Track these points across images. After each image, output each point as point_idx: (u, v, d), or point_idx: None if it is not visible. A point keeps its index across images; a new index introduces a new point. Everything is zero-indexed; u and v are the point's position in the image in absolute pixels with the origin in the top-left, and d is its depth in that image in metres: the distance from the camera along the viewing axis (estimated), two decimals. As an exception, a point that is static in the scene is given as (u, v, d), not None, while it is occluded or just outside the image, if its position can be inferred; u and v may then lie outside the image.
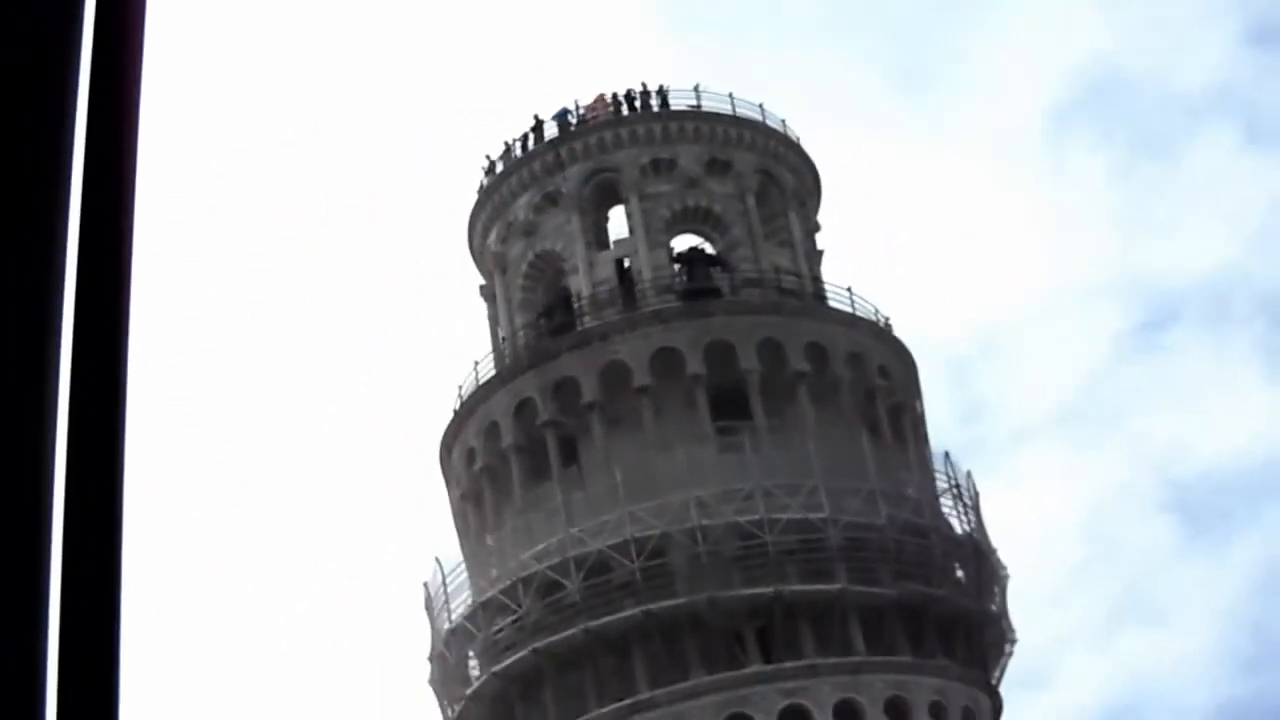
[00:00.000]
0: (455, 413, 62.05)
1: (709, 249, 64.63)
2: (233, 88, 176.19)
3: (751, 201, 63.81)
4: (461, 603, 59.32)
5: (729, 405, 58.27)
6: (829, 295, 63.57)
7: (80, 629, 2.42)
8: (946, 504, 60.93)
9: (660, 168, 63.59)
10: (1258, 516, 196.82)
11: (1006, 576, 61.29)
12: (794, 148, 66.50)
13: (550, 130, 65.26)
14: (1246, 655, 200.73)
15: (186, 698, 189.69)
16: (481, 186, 66.51)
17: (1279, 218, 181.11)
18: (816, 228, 67.32)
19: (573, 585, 55.37)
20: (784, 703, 54.09)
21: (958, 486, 61.37)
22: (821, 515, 55.53)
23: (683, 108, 65.59)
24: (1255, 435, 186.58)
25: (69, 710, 2.40)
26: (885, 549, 56.42)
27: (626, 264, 63.01)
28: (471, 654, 59.19)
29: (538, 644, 55.90)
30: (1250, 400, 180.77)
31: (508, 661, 56.85)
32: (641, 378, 58.04)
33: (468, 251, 68.12)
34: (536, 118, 65.67)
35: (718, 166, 64.14)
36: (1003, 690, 60.96)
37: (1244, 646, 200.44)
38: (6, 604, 2.33)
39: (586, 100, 65.98)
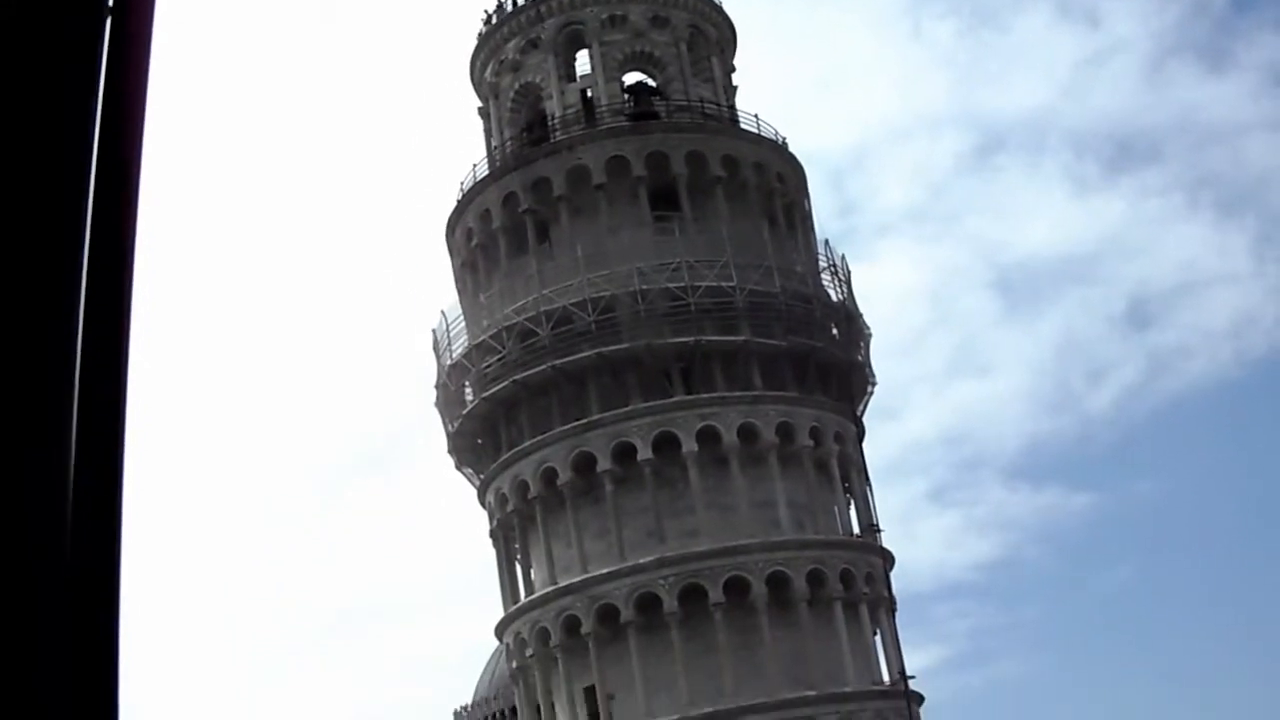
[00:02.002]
0: (458, 202, 61.15)
1: (651, 83, 63.45)
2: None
3: (684, 48, 62.57)
4: (460, 345, 59.41)
5: (663, 200, 58.29)
6: (741, 120, 62.36)
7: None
8: (825, 279, 60.89)
9: (615, 21, 62.15)
10: (1060, 295, 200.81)
11: (869, 334, 61.80)
12: (717, 8, 64.68)
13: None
14: (1049, 401, 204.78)
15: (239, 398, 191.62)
16: (481, 33, 64.78)
17: (1081, 74, 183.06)
18: (733, 69, 65.84)
19: (544, 332, 55.72)
20: (700, 424, 54.77)
21: (834, 265, 61.44)
22: (731, 284, 55.74)
23: (633, -24, 63.35)
24: (1060, 236, 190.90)
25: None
26: (778, 310, 56.71)
27: (589, 93, 61.66)
28: (467, 384, 59.24)
29: (517, 376, 56.39)
30: (1056, 209, 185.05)
31: (494, 389, 57.28)
32: (598, 178, 57.73)
33: (469, 83, 66.21)
34: (524, -19, 63.58)
35: (659, 21, 62.65)
36: (865, 420, 61.50)
37: (1047, 394, 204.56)
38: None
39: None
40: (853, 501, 59.60)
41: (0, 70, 2.14)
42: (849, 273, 61.89)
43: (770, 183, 60.68)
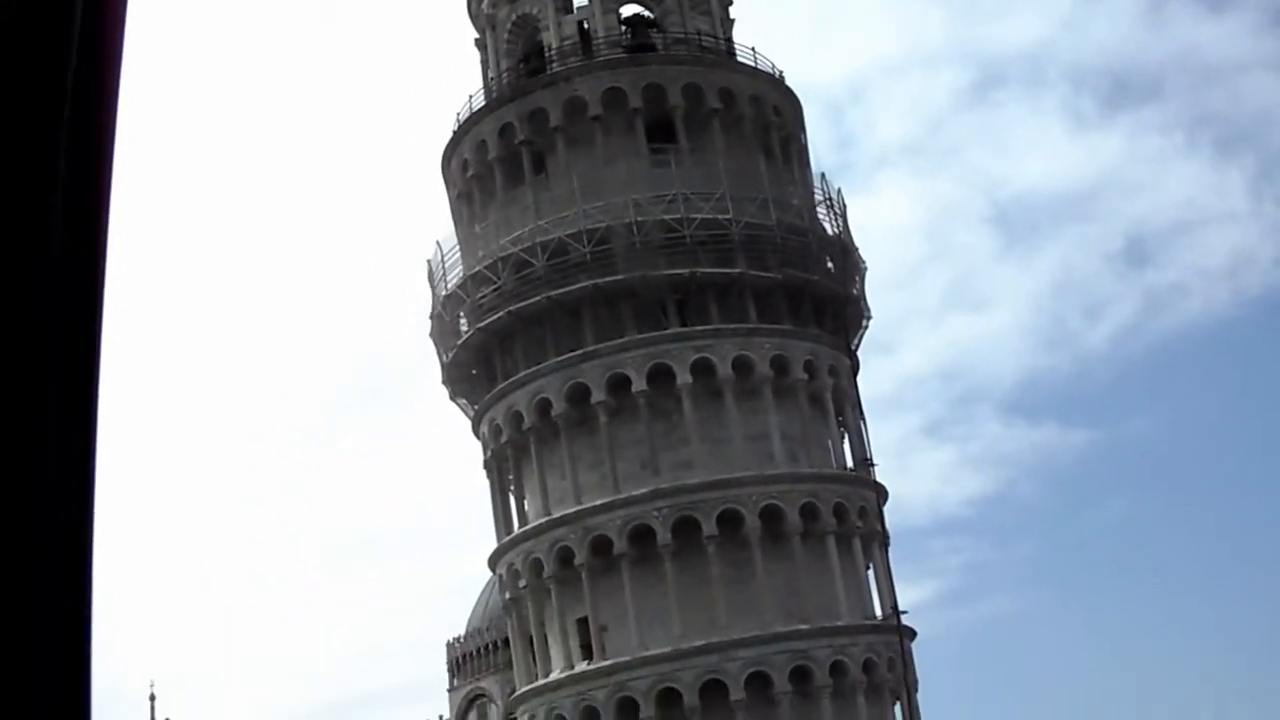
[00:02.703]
0: (454, 133, 60.11)
1: (648, 15, 62.24)
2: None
3: (681, -20, 61.37)
4: (455, 276, 58.75)
5: (660, 132, 57.46)
6: (738, 53, 61.39)
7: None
8: (821, 212, 60.17)
9: (613, -48, 60.76)
10: (1058, 232, 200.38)
11: (865, 268, 61.29)
12: (715, -60, 63.22)
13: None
14: (1045, 337, 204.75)
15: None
16: (478, -33, 63.45)
17: (1080, 10, 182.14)
18: (730, 2, 64.50)
19: (539, 263, 54.93)
20: (695, 356, 54.23)
21: (830, 199, 60.79)
22: (727, 216, 55.01)
23: (631, -89, 61.78)
24: (1058, 172, 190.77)
25: None
26: (774, 243, 56.01)
27: (586, 25, 60.52)
28: (462, 314, 58.57)
29: (512, 307, 55.70)
30: (1055, 145, 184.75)
31: (489, 320, 56.62)
32: (595, 109, 56.73)
33: (466, 15, 65.02)
34: (519, -85, 62.02)
35: (657, -47, 61.30)
36: (860, 354, 60.95)
37: (1044, 330, 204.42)
38: None
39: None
40: (846, 435, 59.17)
41: None
42: (845, 206, 61.29)
43: (767, 116, 59.79)
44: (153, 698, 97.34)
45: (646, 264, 54.55)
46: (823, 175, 61.91)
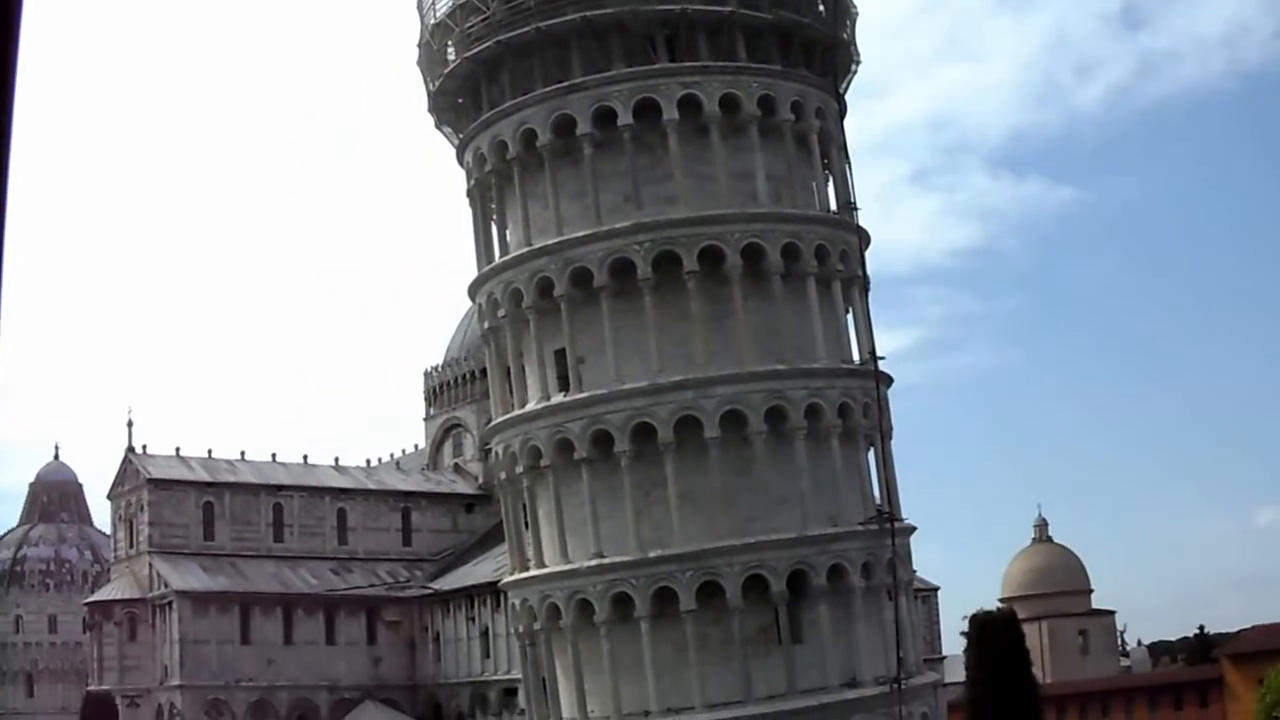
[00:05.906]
0: None
1: None
2: None
3: None
4: (445, 5, 56.41)
5: None
6: None
7: None
8: None
9: None
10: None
11: (856, 12, 59.11)
12: None
13: None
14: (1036, 93, 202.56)
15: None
16: None
17: None
18: None
19: None
20: (682, 92, 52.68)
21: None
22: None
23: None
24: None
25: None
26: None
27: None
28: (450, 43, 56.60)
29: (500, 37, 53.81)
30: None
31: (477, 49, 54.73)
32: None
33: None
34: None
35: None
36: (848, 98, 59.19)
37: (1035, 86, 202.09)
38: None
39: None
40: (831, 178, 57.78)
41: None
42: (838, -51, 58.77)
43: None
44: (130, 424, 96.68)
45: (637, -2, 52.55)
46: (817, -85, 59.32)
